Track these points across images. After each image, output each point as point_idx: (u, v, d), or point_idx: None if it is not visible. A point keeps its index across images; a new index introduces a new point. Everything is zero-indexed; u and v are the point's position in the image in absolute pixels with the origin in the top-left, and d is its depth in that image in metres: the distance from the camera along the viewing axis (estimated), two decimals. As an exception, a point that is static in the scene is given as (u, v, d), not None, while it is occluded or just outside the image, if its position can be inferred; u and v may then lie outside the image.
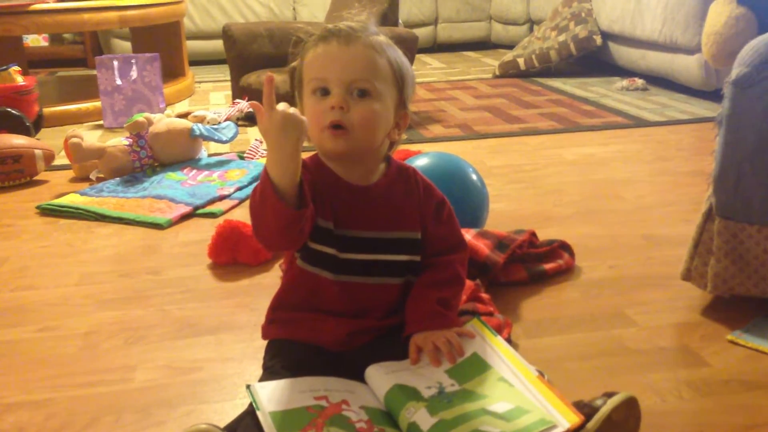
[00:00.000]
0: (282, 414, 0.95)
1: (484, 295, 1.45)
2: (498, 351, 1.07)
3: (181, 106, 3.69)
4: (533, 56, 4.40)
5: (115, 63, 3.28)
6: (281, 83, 2.87)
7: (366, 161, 1.13)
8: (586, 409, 0.93)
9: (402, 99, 1.12)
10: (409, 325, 1.13)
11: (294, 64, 1.14)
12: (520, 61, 4.43)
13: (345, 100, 1.06)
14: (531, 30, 5.48)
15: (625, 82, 3.93)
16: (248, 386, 1.01)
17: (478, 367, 1.04)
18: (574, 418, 0.91)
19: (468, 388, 1.01)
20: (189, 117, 2.95)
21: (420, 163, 1.79)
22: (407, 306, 1.15)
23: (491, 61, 5.16)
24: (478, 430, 0.92)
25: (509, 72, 4.45)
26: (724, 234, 1.39)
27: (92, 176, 2.46)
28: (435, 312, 1.12)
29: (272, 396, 0.99)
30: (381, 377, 1.06)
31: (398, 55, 1.12)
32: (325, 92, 1.07)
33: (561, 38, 4.36)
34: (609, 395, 0.96)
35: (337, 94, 1.06)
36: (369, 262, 1.13)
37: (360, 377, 1.07)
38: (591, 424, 0.92)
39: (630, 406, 0.96)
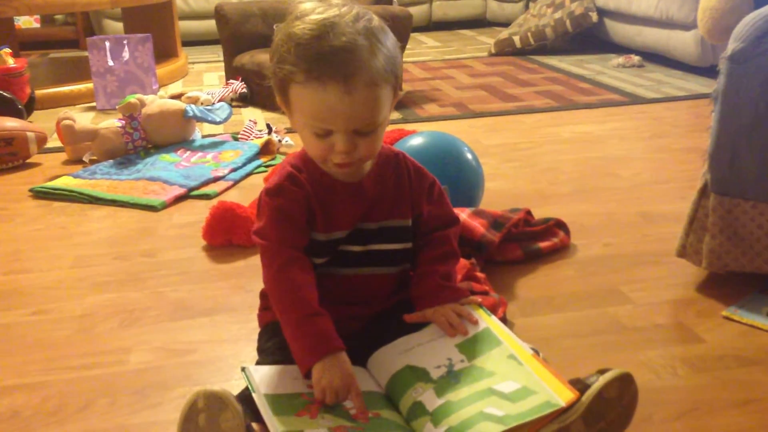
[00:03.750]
0: (277, 397, 0.95)
1: (480, 274, 1.45)
2: (491, 329, 1.06)
3: (175, 87, 3.66)
4: (529, 34, 4.37)
5: (107, 44, 3.24)
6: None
7: None
8: (579, 386, 0.93)
9: (396, 89, 1.05)
10: (418, 303, 1.13)
11: (273, 70, 1.02)
12: (516, 38, 4.40)
13: (351, 143, 0.99)
14: (527, 7, 5.44)
15: (621, 59, 3.91)
16: (243, 368, 1.01)
17: (489, 342, 1.04)
18: (569, 395, 0.91)
19: (477, 364, 1.01)
20: (182, 98, 2.93)
21: (415, 142, 1.78)
22: (412, 286, 1.15)
23: (487, 39, 5.13)
24: (482, 413, 0.92)
25: (505, 50, 4.42)
26: (719, 210, 1.39)
27: (85, 158, 2.44)
28: (441, 286, 1.12)
29: (267, 380, 0.98)
30: (393, 357, 1.05)
31: (390, 45, 1.01)
32: (327, 133, 1.00)
33: (557, 15, 4.32)
34: (602, 372, 0.94)
35: (342, 141, 0.99)
36: (361, 253, 1.11)
37: (358, 357, 1.07)
38: (582, 401, 0.91)
39: (624, 383, 0.94)
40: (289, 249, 1.06)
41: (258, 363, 1.11)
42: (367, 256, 1.11)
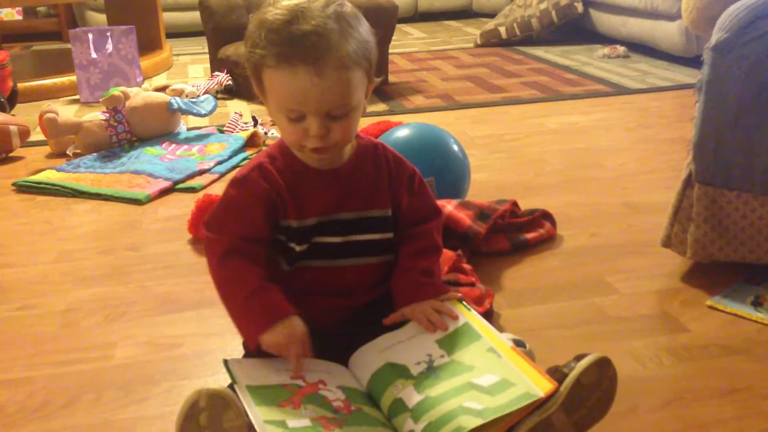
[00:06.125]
0: (259, 389, 0.95)
1: (466, 266, 1.45)
2: (471, 324, 1.06)
3: (159, 80, 3.64)
4: (515, 25, 4.37)
5: (90, 36, 3.21)
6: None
7: None
8: (557, 374, 0.92)
9: (370, 75, 1.05)
10: (398, 300, 1.12)
11: (247, 56, 1.03)
12: (502, 29, 4.40)
13: (325, 127, 1.00)
14: (512, -2, 5.44)
15: (606, 50, 3.92)
16: (225, 361, 1.00)
17: (468, 337, 1.04)
18: (548, 386, 0.91)
19: (456, 359, 1.01)
20: (167, 90, 2.91)
21: (401, 134, 1.78)
22: (392, 282, 1.14)
23: (473, 30, 5.12)
24: (462, 407, 0.92)
25: (491, 41, 4.42)
26: (704, 200, 1.40)
27: (69, 152, 2.42)
28: (420, 283, 1.11)
29: (248, 372, 0.98)
30: (374, 356, 1.05)
31: (362, 30, 1.02)
32: (300, 117, 1.00)
33: (542, 6, 4.33)
34: (579, 358, 0.93)
35: (315, 124, 0.99)
36: (341, 244, 1.10)
37: (341, 352, 1.07)
38: (561, 390, 0.90)
39: (601, 367, 0.93)
40: (233, 239, 1.05)
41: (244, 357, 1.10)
42: (346, 247, 1.10)
